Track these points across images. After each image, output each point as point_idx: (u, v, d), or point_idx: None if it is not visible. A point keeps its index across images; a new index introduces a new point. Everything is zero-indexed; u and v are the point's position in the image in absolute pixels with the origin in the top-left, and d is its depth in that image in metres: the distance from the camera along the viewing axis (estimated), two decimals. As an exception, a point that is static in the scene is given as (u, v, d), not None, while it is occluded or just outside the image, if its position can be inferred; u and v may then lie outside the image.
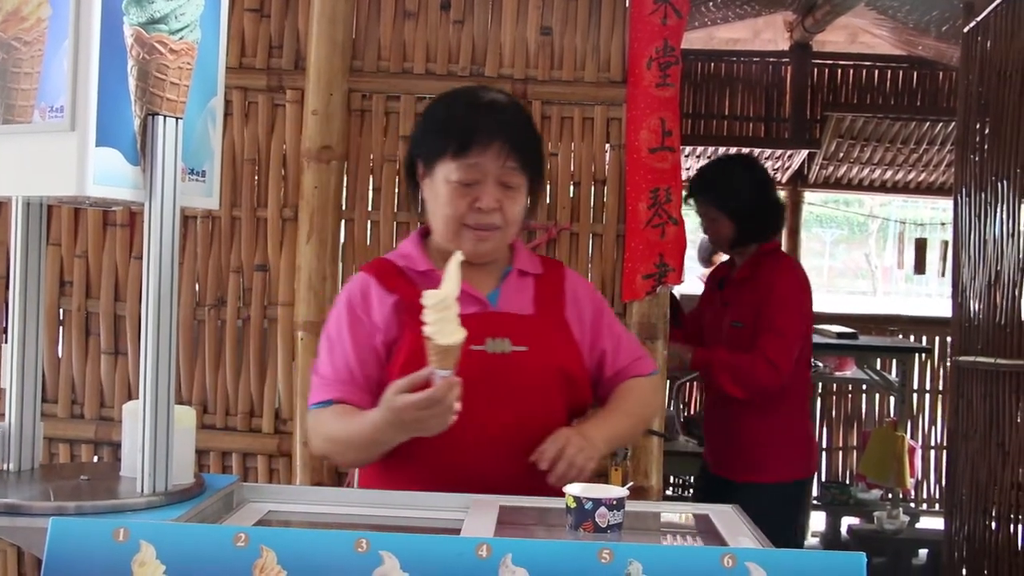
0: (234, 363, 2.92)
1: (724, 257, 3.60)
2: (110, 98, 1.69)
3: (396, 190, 2.90)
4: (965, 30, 4.04)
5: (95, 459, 2.90)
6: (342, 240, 2.91)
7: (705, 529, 1.76)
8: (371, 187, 2.91)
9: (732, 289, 3.36)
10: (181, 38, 1.75)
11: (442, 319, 1.67)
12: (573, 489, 1.65)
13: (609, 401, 2.09)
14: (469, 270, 1.92)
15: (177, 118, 1.78)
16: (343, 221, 2.90)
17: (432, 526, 1.74)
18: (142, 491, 1.77)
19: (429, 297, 1.68)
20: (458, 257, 1.74)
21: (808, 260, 3.49)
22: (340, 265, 2.90)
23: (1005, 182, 3.58)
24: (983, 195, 3.81)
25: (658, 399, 2.39)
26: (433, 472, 1.90)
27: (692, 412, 6.22)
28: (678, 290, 3.28)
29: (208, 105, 1.94)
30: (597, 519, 1.61)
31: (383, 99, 2.89)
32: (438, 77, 2.88)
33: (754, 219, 3.29)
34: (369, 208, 2.91)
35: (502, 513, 1.72)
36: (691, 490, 6.08)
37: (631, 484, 1.68)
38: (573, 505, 1.63)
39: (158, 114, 1.75)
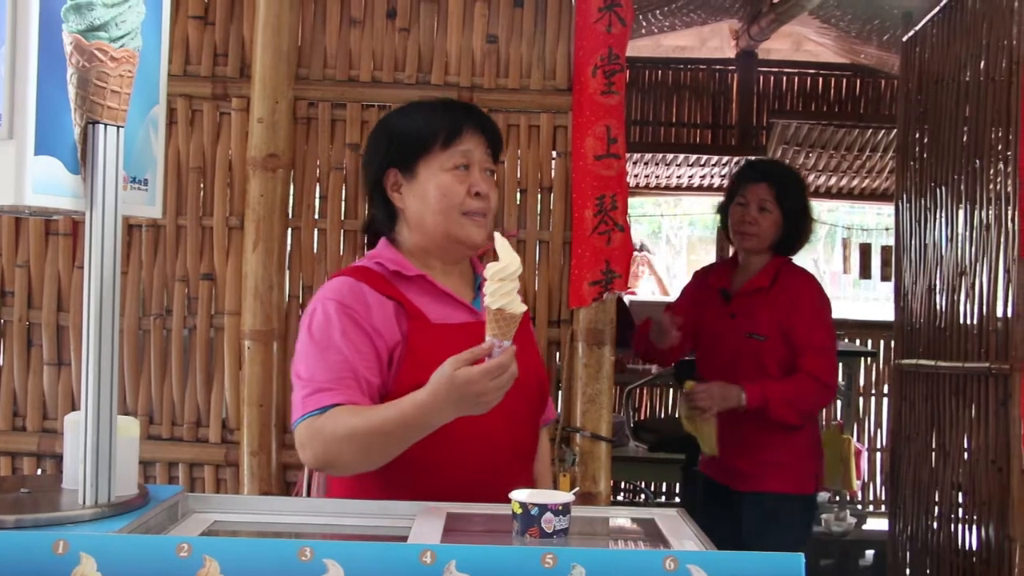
0: (180, 373, 2.89)
1: None
2: (49, 106, 1.67)
3: (343, 198, 2.90)
4: (904, 39, 4.12)
5: (38, 472, 2.86)
6: (289, 248, 2.90)
7: (651, 533, 1.77)
8: (317, 195, 2.90)
9: (743, 299, 3.21)
10: (122, 45, 1.74)
11: (506, 290, 1.68)
12: (519, 495, 1.66)
13: (540, 459, 2.17)
14: (447, 278, 2.00)
15: (118, 126, 1.76)
16: (289, 229, 2.89)
17: (379, 534, 1.74)
18: (84, 503, 1.75)
19: (492, 268, 1.68)
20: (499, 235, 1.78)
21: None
22: (287, 273, 2.89)
23: (943, 188, 3.65)
24: (923, 201, 3.88)
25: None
26: (426, 474, 1.89)
27: (642, 418, 6.25)
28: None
29: (150, 113, 1.92)
30: (543, 524, 1.62)
31: (329, 107, 2.88)
32: (384, 85, 2.89)
33: (800, 226, 3.22)
34: (316, 216, 2.90)
35: (449, 520, 1.73)
36: (642, 496, 6.12)
37: (577, 490, 1.69)
38: (519, 511, 1.64)
39: (99, 122, 1.73)
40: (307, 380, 1.87)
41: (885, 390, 6.44)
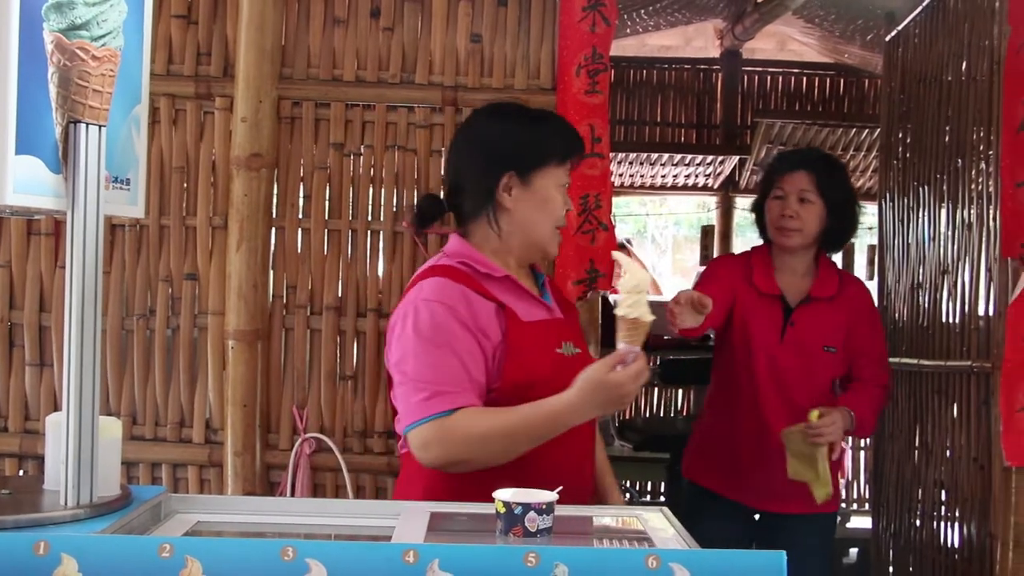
0: (164, 373, 2.89)
1: None
2: (30, 105, 1.66)
3: (327, 197, 2.90)
4: (887, 39, 4.13)
5: (20, 473, 2.85)
6: (272, 248, 2.89)
7: (635, 532, 1.78)
8: (301, 194, 2.90)
9: (807, 307, 2.91)
10: (103, 44, 1.73)
11: (638, 301, 1.84)
12: (502, 494, 1.66)
13: (600, 448, 2.35)
14: (519, 276, 2.11)
15: (100, 126, 1.76)
16: (273, 229, 2.89)
17: (363, 534, 1.74)
18: (66, 504, 1.74)
19: (625, 283, 1.85)
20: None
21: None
22: (271, 273, 2.89)
23: (926, 187, 3.67)
24: (906, 200, 3.89)
25: None
26: (527, 466, 1.95)
27: (627, 417, 6.26)
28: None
29: (132, 112, 1.92)
30: (526, 523, 1.62)
31: (313, 106, 2.88)
32: (368, 84, 2.89)
33: (846, 217, 2.93)
34: (300, 216, 2.90)
35: (432, 520, 1.73)
36: (627, 495, 6.13)
37: (560, 488, 1.69)
38: (503, 510, 1.64)
39: (80, 121, 1.72)
40: (425, 382, 1.93)
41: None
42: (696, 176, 7.03)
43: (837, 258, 6.15)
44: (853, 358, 2.94)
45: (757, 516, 3.01)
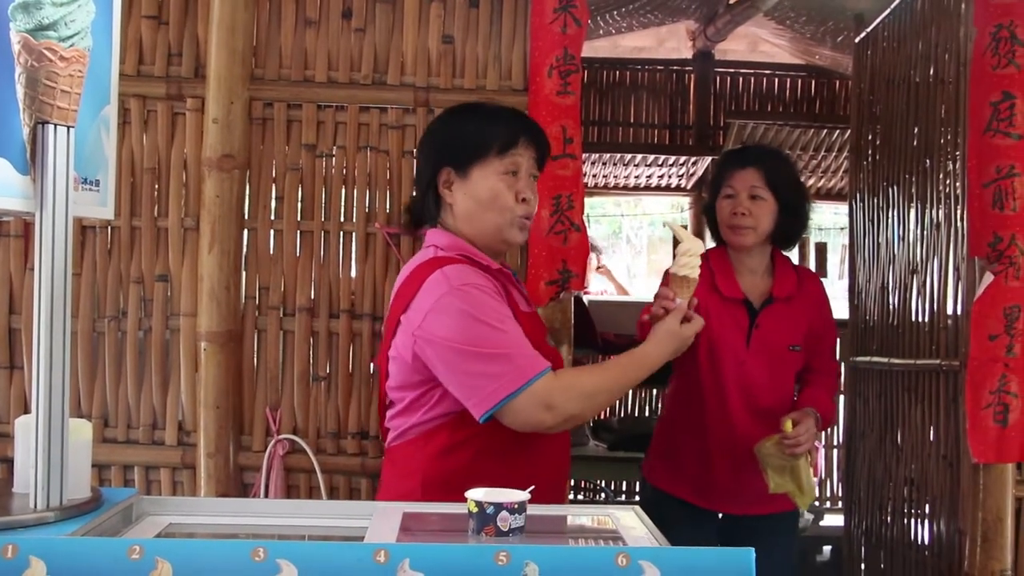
0: (136, 375, 2.87)
1: None
2: (-3, 106, 1.65)
3: (299, 198, 2.89)
4: (856, 40, 4.17)
5: (-10, 476, 2.82)
6: (244, 249, 2.88)
7: (607, 531, 1.79)
8: (273, 196, 2.89)
9: (769, 308, 2.90)
10: (71, 45, 1.72)
11: (689, 263, 2.27)
12: (475, 494, 1.66)
13: None
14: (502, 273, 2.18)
15: (68, 126, 1.75)
16: (245, 230, 2.88)
17: (336, 534, 1.74)
18: (35, 507, 1.73)
19: (683, 247, 2.29)
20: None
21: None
22: (243, 274, 2.88)
23: (895, 187, 3.70)
24: (876, 200, 3.93)
25: None
26: (520, 462, 2.08)
27: (601, 417, 6.28)
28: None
29: (101, 113, 1.91)
30: (499, 523, 1.62)
31: (285, 107, 2.88)
32: (340, 85, 2.88)
33: (798, 212, 2.91)
34: (272, 217, 2.89)
35: (405, 520, 1.74)
36: (602, 494, 6.15)
37: (532, 488, 1.70)
38: (475, 510, 1.64)
39: (48, 122, 1.71)
40: (507, 354, 1.99)
41: (842, 387, 6.51)
42: (669, 177, 7.05)
43: (811, 258, 6.15)
44: (810, 351, 2.95)
45: (720, 516, 3.02)
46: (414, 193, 2.34)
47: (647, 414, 6.37)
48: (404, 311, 2.06)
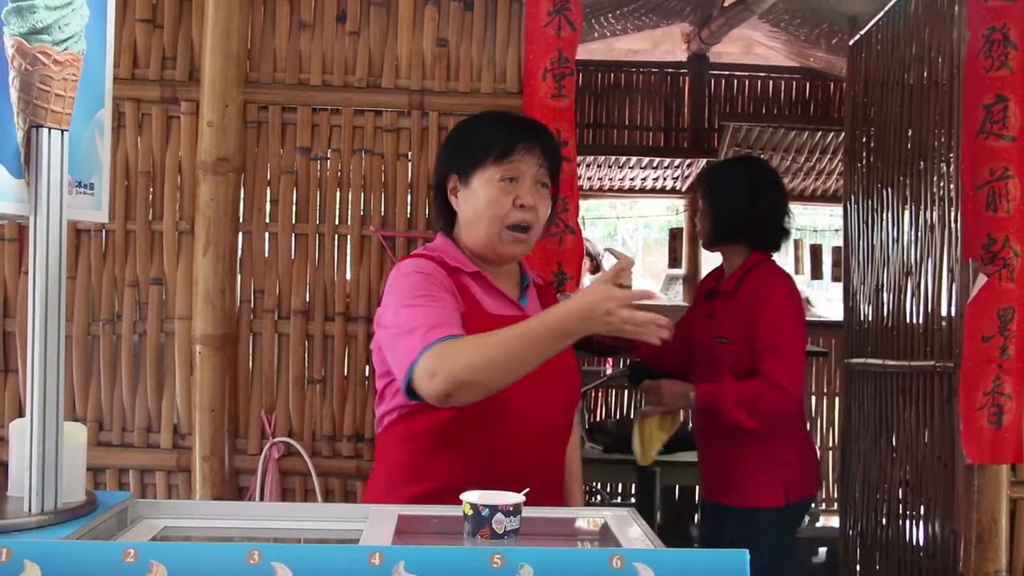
0: (131, 378, 2.87)
1: None
2: (-9, 110, 1.65)
3: (294, 201, 2.89)
4: (851, 43, 4.18)
5: (-16, 480, 2.82)
6: (239, 253, 2.88)
7: (603, 533, 1.79)
8: (268, 199, 2.89)
9: (719, 301, 3.11)
10: (65, 49, 1.72)
11: (628, 278, 1.94)
12: (470, 496, 1.66)
13: (572, 450, 2.34)
14: (496, 276, 2.16)
15: (63, 130, 1.75)
16: (240, 233, 2.88)
17: (332, 537, 1.74)
18: (30, 510, 1.72)
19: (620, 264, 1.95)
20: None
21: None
22: (238, 277, 2.88)
23: (890, 190, 3.71)
24: (870, 202, 3.94)
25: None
26: (488, 460, 2.02)
27: (597, 419, 6.28)
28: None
29: (95, 117, 1.90)
30: (494, 525, 1.62)
31: (279, 111, 2.88)
32: (335, 88, 2.89)
33: (733, 218, 3.06)
34: (267, 220, 2.89)
35: (400, 522, 1.73)
36: (598, 496, 6.14)
37: (527, 490, 1.70)
38: (470, 512, 1.64)
39: (42, 126, 1.71)
40: (417, 325, 1.92)
41: (837, 389, 6.52)
42: (664, 179, 7.06)
43: (807, 259, 6.10)
44: (755, 352, 2.93)
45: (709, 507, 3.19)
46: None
47: (643, 416, 6.36)
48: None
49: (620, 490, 6.23)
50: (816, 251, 6.96)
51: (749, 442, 2.94)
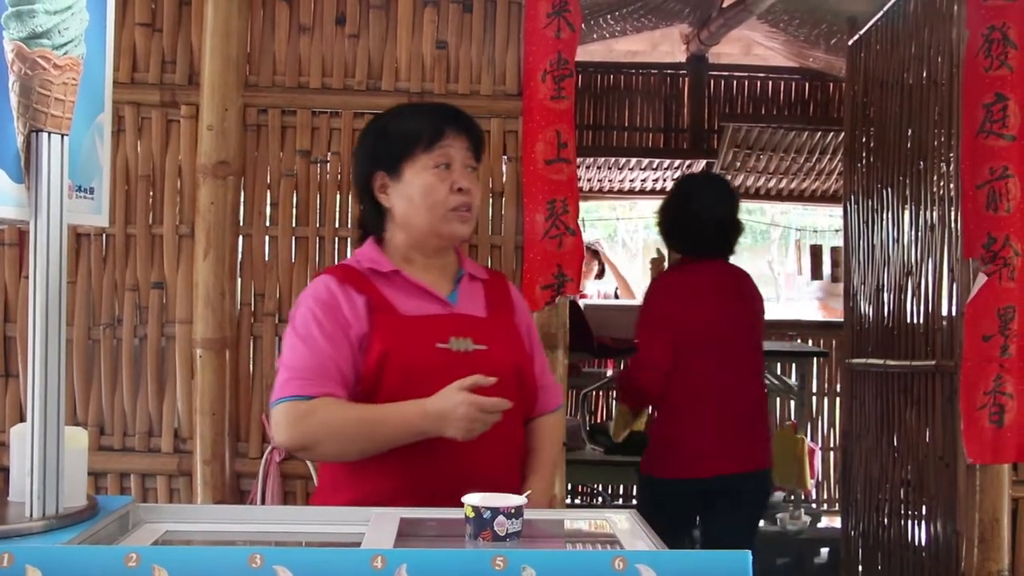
0: (131, 383, 2.87)
1: None
2: (-9, 115, 1.65)
3: (294, 205, 2.89)
4: (850, 43, 4.18)
5: (-14, 485, 2.82)
6: (240, 256, 2.88)
7: (605, 535, 1.79)
8: (268, 202, 2.89)
9: None
10: (65, 53, 1.72)
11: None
12: (471, 499, 1.66)
13: (540, 447, 2.25)
14: (426, 272, 2.12)
15: (63, 134, 1.75)
16: (240, 237, 2.88)
17: (333, 540, 1.74)
18: (31, 516, 1.72)
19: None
20: None
21: None
22: (238, 281, 2.88)
23: (890, 190, 3.71)
24: (870, 202, 3.94)
25: (564, 430, 2.54)
26: (411, 473, 1.99)
27: (598, 421, 6.28)
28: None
29: (95, 121, 1.90)
30: (496, 528, 1.62)
31: (279, 114, 2.88)
32: (334, 91, 2.89)
33: (660, 228, 3.52)
34: (267, 223, 2.89)
35: (402, 525, 1.73)
36: (599, 498, 6.15)
37: (529, 493, 1.70)
38: (472, 515, 1.64)
39: (42, 130, 1.71)
40: (288, 368, 2.00)
41: (837, 389, 6.52)
42: (664, 180, 7.06)
43: (807, 259, 6.16)
44: None
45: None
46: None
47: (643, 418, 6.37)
48: None
49: (622, 492, 6.22)
50: (816, 252, 6.97)
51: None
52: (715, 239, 3.36)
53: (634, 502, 5.82)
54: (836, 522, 5.57)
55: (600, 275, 6.81)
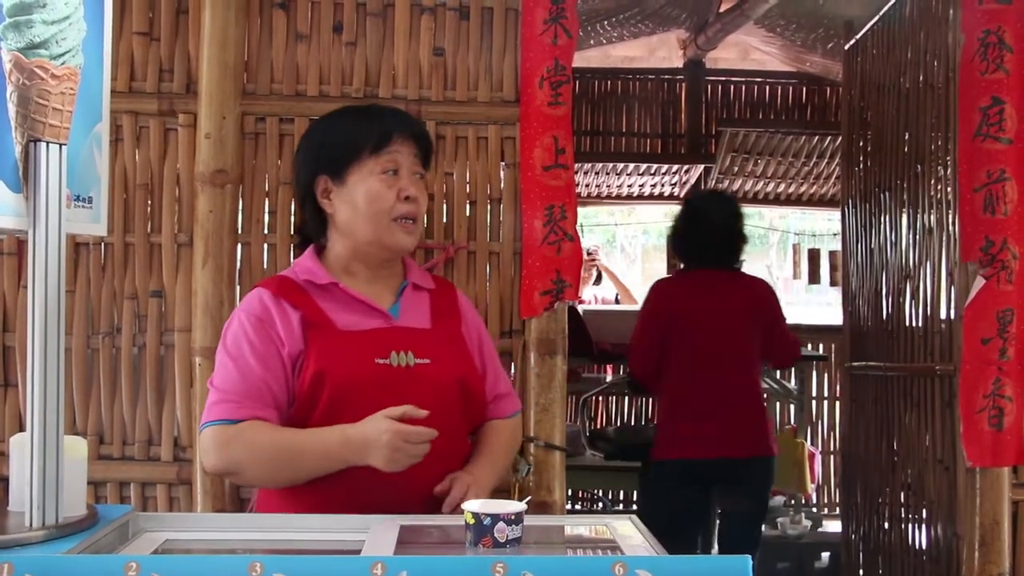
0: (130, 391, 2.87)
1: None
2: (-11, 125, 1.65)
3: (292, 213, 2.89)
4: (846, 47, 4.19)
5: (-15, 495, 2.81)
6: (239, 264, 2.88)
7: (605, 541, 1.79)
8: (266, 210, 2.89)
9: None
10: (63, 63, 1.73)
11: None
12: (472, 505, 1.66)
13: (486, 443, 2.16)
14: (369, 284, 2.04)
15: (61, 144, 1.75)
16: (239, 245, 2.88)
17: (333, 548, 1.74)
18: (31, 525, 1.72)
19: None
20: None
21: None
22: (237, 289, 2.87)
23: (887, 193, 3.72)
24: (868, 206, 3.95)
25: (519, 437, 2.44)
26: (347, 489, 1.92)
27: (598, 426, 6.28)
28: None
29: (93, 130, 1.91)
30: (496, 534, 1.62)
31: (277, 122, 2.88)
32: (332, 99, 2.88)
33: (670, 243, 4.02)
34: (265, 231, 2.89)
35: (402, 533, 1.73)
36: (599, 504, 6.14)
37: (529, 499, 1.70)
38: (472, 521, 1.65)
39: (40, 140, 1.71)
40: (217, 390, 1.96)
41: (837, 393, 6.52)
42: (662, 185, 7.07)
43: (805, 264, 6.24)
44: None
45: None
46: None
47: (643, 423, 6.38)
48: None
49: (622, 497, 6.22)
50: (813, 256, 6.96)
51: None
52: (716, 251, 3.74)
53: (634, 507, 5.82)
54: (837, 526, 5.56)
55: (598, 281, 6.81)
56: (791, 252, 7.02)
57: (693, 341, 3.64)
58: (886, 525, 3.72)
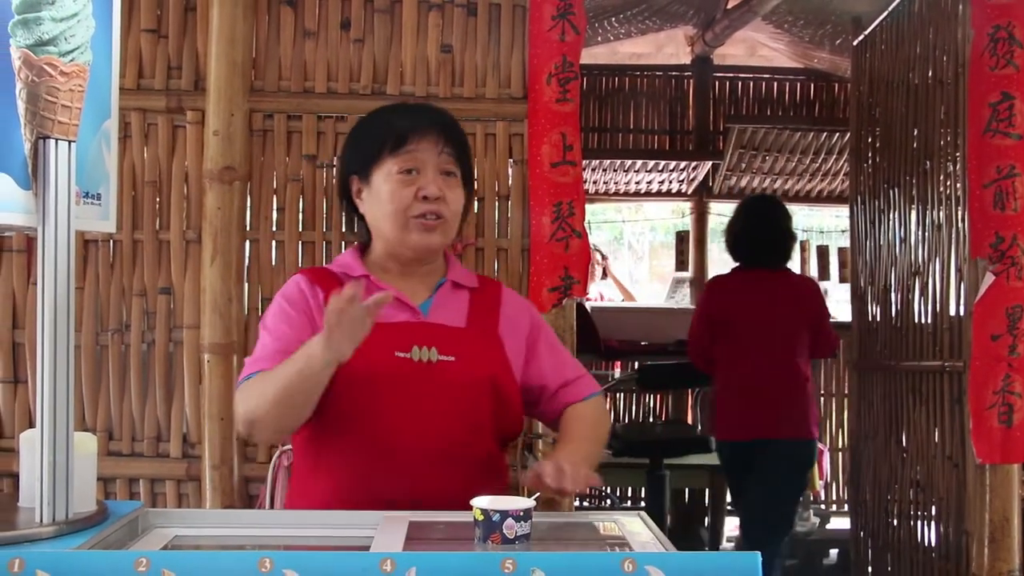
0: (140, 388, 2.87)
1: None
2: (-1, 122, 1.65)
3: (300, 209, 2.90)
4: (855, 43, 4.18)
5: (-5, 491, 2.83)
6: (247, 261, 2.89)
7: (614, 537, 1.78)
8: (275, 207, 2.90)
9: None
10: (72, 60, 1.73)
11: None
12: (480, 502, 1.66)
13: (571, 429, 2.09)
14: (403, 280, 2.02)
15: (70, 141, 1.75)
16: (247, 242, 2.88)
17: (342, 544, 1.74)
18: (41, 521, 1.73)
19: None
20: None
21: (720, 269, 4.34)
22: (245, 286, 2.88)
23: (896, 189, 3.71)
24: (877, 202, 3.93)
25: (607, 417, 2.32)
26: (359, 482, 1.91)
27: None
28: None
29: (102, 127, 1.91)
30: (504, 531, 1.62)
31: (285, 119, 2.88)
32: (340, 96, 2.89)
33: (726, 245, 4.18)
34: (273, 228, 2.89)
35: (411, 529, 1.73)
36: (607, 500, 6.13)
37: (537, 495, 1.70)
38: (480, 518, 1.64)
39: (49, 137, 1.71)
40: (253, 358, 1.98)
41: (846, 390, 6.50)
42: (670, 182, 7.05)
43: (813, 260, 6.29)
44: None
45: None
46: None
47: (651, 419, 6.37)
48: None
49: (630, 494, 6.22)
50: (823, 252, 6.95)
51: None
52: (768, 251, 3.98)
53: (642, 504, 5.81)
54: (845, 523, 5.53)
55: (604, 276, 6.81)
56: (799, 249, 6.99)
57: (745, 334, 3.91)
58: (895, 522, 3.71)
